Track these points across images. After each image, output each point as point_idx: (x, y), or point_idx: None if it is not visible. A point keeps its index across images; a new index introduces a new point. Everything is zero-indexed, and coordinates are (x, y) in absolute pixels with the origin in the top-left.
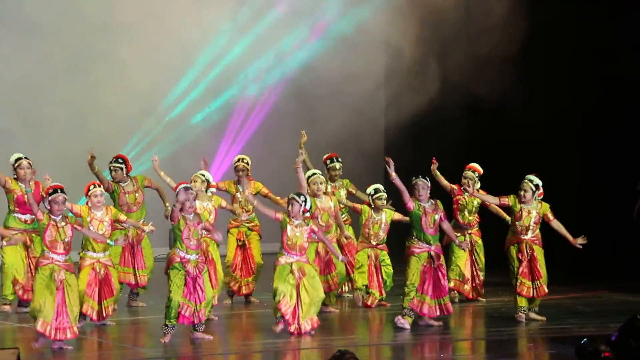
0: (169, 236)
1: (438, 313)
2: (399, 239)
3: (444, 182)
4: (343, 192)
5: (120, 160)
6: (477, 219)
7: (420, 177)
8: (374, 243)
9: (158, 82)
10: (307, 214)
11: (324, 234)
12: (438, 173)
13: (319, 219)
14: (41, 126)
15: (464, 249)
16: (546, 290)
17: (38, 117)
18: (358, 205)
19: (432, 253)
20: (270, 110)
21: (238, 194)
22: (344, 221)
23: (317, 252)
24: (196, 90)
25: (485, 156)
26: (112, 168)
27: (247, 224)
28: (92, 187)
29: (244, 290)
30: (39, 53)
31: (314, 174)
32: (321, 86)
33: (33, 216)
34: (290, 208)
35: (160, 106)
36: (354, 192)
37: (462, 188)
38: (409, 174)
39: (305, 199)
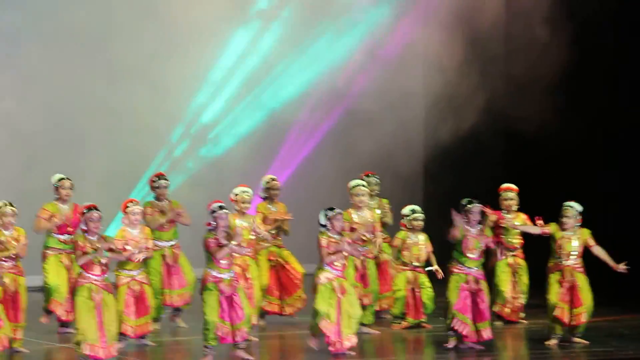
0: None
1: (476, 339)
2: (440, 261)
3: (489, 225)
4: (379, 211)
5: (166, 178)
6: (521, 241)
7: (474, 201)
8: (415, 265)
9: (197, 101)
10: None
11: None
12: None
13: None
14: (77, 142)
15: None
16: (584, 319)
17: (75, 132)
18: (395, 241)
19: (472, 277)
20: (313, 132)
21: (270, 214)
22: (383, 239)
23: (355, 266)
24: (236, 110)
25: (523, 181)
26: (158, 185)
27: (275, 244)
28: (130, 204)
29: (299, 305)
30: (77, 68)
31: (357, 185)
32: (359, 107)
33: (72, 236)
34: (335, 223)
35: (197, 125)
36: (388, 211)
37: (502, 211)
38: (447, 198)
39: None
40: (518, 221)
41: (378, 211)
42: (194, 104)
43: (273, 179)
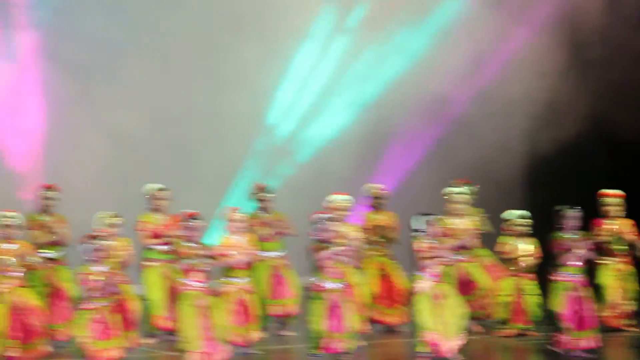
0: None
1: (584, 345)
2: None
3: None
4: (475, 219)
5: (270, 190)
6: (628, 247)
7: (570, 207)
8: (519, 271)
9: (293, 107)
10: None
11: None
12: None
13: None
14: (179, 150)
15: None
16: None
17: (177, 141)
18: (500, 246)
19: (576, 284)
20: (416, 139)
21: (374, 223)
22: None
23: (452, 273)
24: (334, 116)
25: (625, 188)
26: (262, 197)
27: (382, 253)
28: (233, 211)
29: (395, 320)
30: (177, 78)
31: (453, 192)
32: (461, 114)
33: (171, 245)
34: (431, 228)
35: (294, 131)
36: (484, 220)
37: (602, 218)
38: (547, 206)
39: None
40: (622, 227)
41: (473, 219)
42: (290, 110)
43: (378, 188)
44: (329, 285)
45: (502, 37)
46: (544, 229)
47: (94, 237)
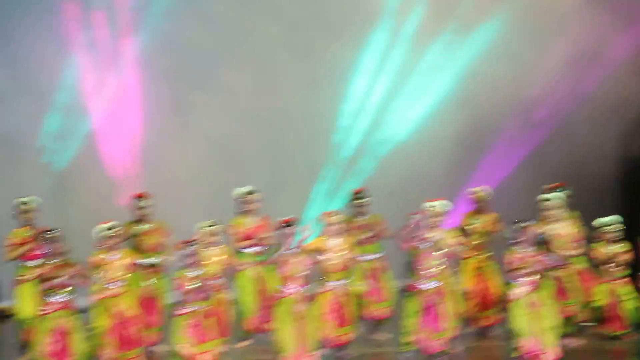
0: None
1: None
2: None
3: None
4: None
5: (367, 195)
6: None
7: None
8: (612, 277)
9: (379, 108)
10: None
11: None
12: None
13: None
14: (279, 157)
15: None
16: None
17: (274, 149)
18: (593, 252)
19: None
20: (512, 141)
21: (472, 226)
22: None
23: (552, 279)
24: (424, 116)
25: None
26: (359, 204)
27: (481, 254)
28: (329, 215)
29: (484, 322)
30: (270, 87)
31: (545, 198)
32: (552, 115)
33: (262, 247)
34: (524, 236)
35: (387, 130)
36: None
37: None
38: None
39: None
40: None
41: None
42: (380, 111)
43: (477, 191)
44: (424, 285)
45: (603, 40)
46: (638, 233)
47: (189, 243)
